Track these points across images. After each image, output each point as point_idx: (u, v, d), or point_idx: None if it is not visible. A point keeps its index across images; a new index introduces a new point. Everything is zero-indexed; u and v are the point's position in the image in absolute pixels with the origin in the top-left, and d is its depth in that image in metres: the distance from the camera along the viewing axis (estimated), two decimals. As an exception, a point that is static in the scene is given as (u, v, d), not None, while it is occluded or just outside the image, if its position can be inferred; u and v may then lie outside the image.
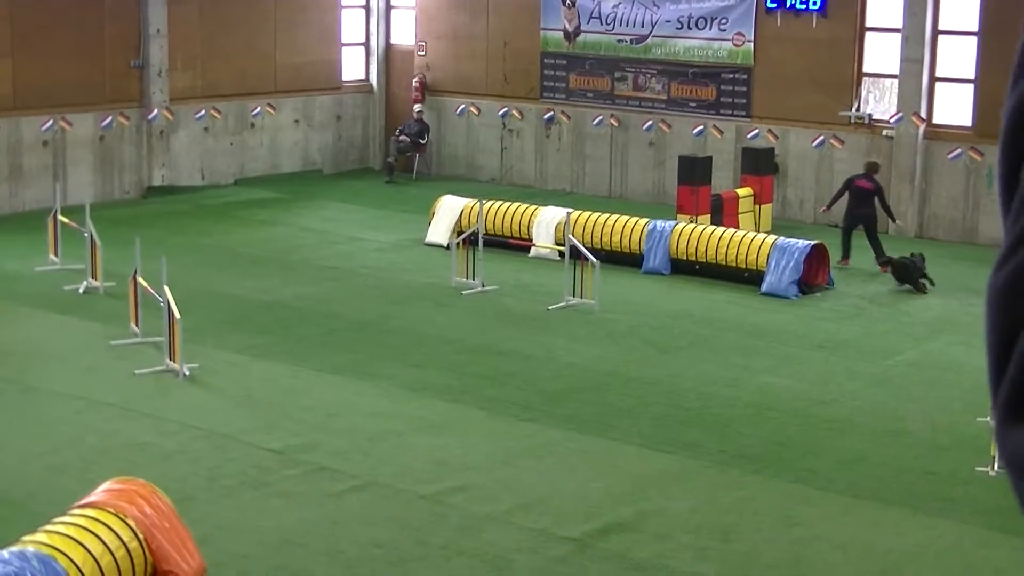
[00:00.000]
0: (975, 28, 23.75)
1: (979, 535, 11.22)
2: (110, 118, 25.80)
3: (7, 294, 18.42)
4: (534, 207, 22.22)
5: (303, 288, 19.24)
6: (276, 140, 28.68)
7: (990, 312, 1.00)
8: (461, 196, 22.91)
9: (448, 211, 22.44)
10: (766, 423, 13.94)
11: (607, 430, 13.53)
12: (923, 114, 24.21)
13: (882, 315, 18.59)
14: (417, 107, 29.30)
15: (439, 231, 22.27)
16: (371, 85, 30.47)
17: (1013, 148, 1.08)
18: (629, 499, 11.75)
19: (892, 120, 24.47)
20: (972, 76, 23.85)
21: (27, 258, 20.27)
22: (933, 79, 24.29)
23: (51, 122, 24.94)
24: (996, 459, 12.56)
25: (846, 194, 21.56)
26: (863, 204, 21.25)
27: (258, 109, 28.15)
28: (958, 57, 24.12)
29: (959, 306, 18.97)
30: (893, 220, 22.09)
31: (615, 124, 27.43)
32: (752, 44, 25.73)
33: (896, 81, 24.52)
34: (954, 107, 24.25)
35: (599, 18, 27.37)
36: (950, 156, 23.91)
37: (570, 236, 19.16)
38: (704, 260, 20.37)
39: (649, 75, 27.00)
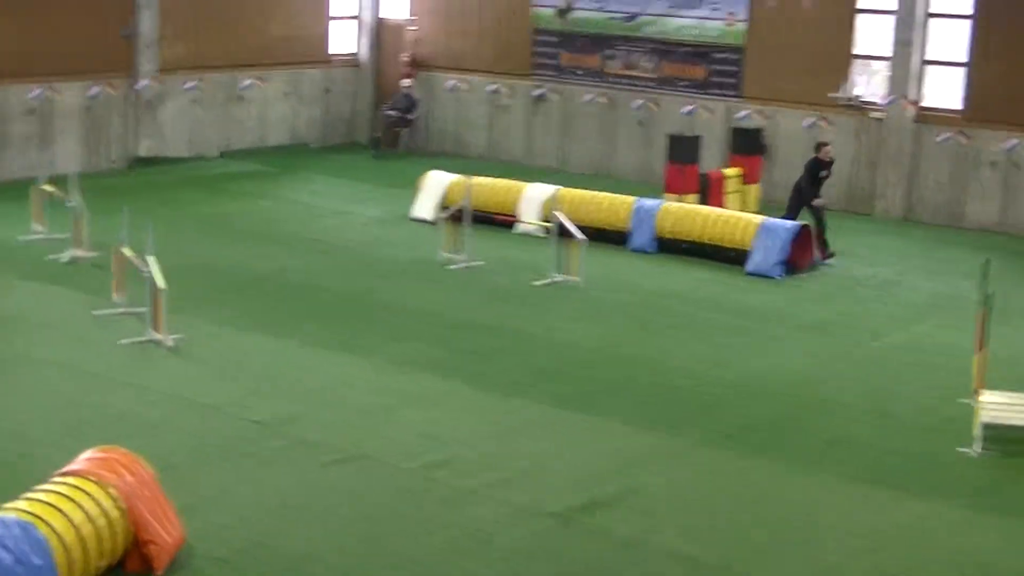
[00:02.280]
0: (968, 11, 23.70)
1: (963, 516, 11.21)
2: (98, 87, 25.66)
3: (-9, 262, 18.34)
4: (522, 184, 22.18)
5: (290, 261, 19.17)
6: (264, 113, 28.56)
7: None
8: (448, 171, 22.84)
9: (435, 186, 22.38)
10: (752, 403, 13.91)
11: (593, 407, 13.51)
12: (913, 97, 24.17)
13: (869, 297, 18.58)
14: (406, 82, 29.20)
15: (425, 206, 22.22)
16: (361, 59, 30.34)
17: None
18: (614, 476, 11.72)
19: (882, 102, 24.43)
20: (964, 59, 23.81)
21: (11, 227, 20.17)
22: (924, 62, 24.25)
23: (39, 91, 24.80)
24: (978, 440, 12.58)
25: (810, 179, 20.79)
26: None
27: (247, 82, 28.02)
28: (950, 40, 24.07)
29: (946, 289, 18.98)
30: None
31: (605, 102, 27.37)
32: (744, 24, 25.66)
33: (887, 63, 24.48)
34: (945, 90, 24.22)
35: (590, -5, 27.30)
36: (939, 139, 23.88)
37: (557, 213, 19.10)
38: (690, 239, 20.33)
39: (640, 53, 26.93)
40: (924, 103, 24.28)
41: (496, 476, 11.57)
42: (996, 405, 13.12)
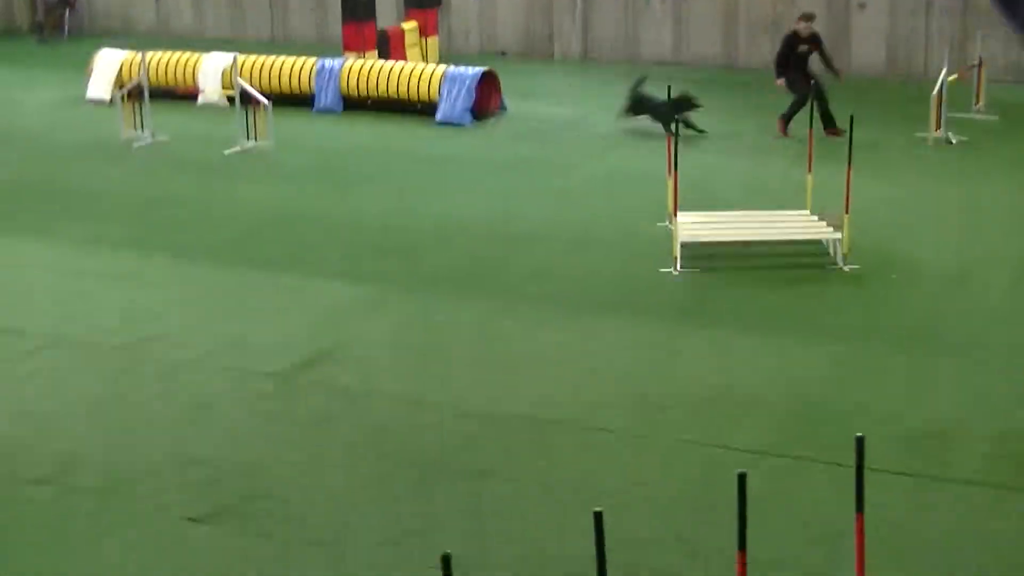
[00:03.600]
0: None
1: (668, 329, 11.57)
2: None
3: None
4: (198, 55, 21.64)
5: (-39, 154, 18.37)
6: (-87, 6, 27.09)
7: None
8: (119, 49, 22.13)
9: (107, 65, 21.68)
10: (452, 245, 14.02)
11: (297, 266, 13.41)
12: (579, -64, 24.44)
13: (557, 135, 18.86)
14: (64, -38, 28.09)
15: (100, 86, 21.51)
16: (11, -59, 28.99)
17: None
18: (327, 330, 11.67)
19: (549, -56, 24.61)
20: None
21: None
22: (586, -99, 24.49)
23: None
24: (678, 260, 12.97)
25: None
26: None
27: None
28: None
29: (630, 121, 19.38)
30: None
31: (273, -34, 26.85)
32: None
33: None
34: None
35: None
36: (608, -24, 24.22)
37: (238, 79, 18.73)
38: (376, 95, 20.23)
39: (303, -87, 26.43)
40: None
41: (209, 344, 11.39)
42: (691, 224, 13.53)
